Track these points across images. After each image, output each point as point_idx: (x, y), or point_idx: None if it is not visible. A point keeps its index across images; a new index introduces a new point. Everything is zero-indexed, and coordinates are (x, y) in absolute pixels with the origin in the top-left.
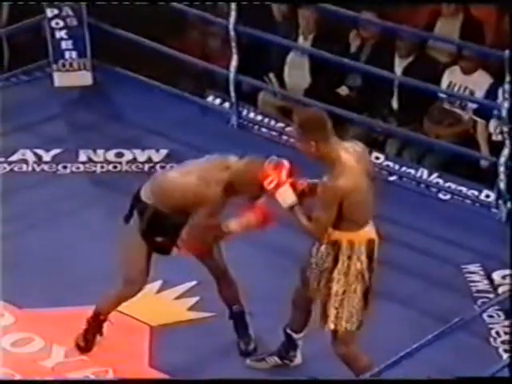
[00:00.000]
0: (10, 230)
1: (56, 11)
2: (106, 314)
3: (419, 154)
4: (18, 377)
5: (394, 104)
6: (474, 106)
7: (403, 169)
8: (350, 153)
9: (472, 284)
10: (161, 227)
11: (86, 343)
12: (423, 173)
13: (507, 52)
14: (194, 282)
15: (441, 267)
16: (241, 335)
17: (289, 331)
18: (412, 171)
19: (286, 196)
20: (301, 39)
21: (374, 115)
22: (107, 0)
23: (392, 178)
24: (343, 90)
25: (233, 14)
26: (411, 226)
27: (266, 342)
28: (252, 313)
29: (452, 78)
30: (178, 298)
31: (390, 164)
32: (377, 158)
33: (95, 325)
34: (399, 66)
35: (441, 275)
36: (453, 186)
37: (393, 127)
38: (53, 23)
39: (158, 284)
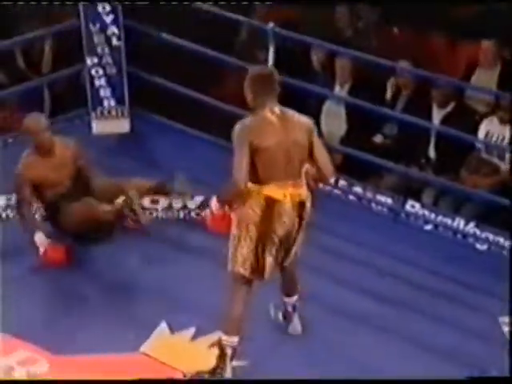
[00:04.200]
0: (44, 282)
1: (96, 60)
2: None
3: (456, 204)
4: None
5: (431, 153)
6: None
7: (439, 218)
8: (276, 113)
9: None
10: None
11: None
12: (460, 222)
13: None
14: None
15: (477, 318)
16: None
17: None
18: (448, 220)
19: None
20: (337, 88)
21: (411, 164)
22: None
23: (428, 227)
24: (378, 138)
25: (270, 62)
26: (448, 275)
27: None
28: None
29: (490, 127)
30: (212, 345)
31: (426, 213)
32: (413, 207)
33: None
34: (437, 115)
35: (477, 326)
36: (490, 236)
37: (429, 176)
38: (93, 71)
39: (191, 331)
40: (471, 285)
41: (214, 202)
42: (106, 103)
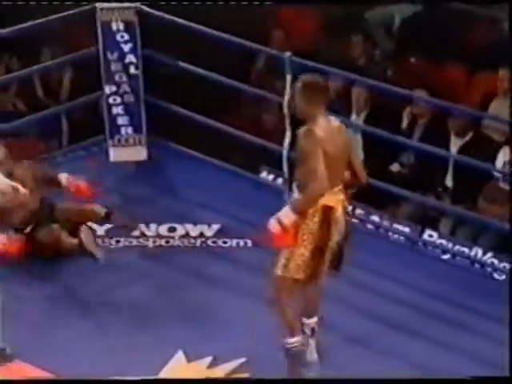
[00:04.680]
0: (61, 308)
1: (114, 88)
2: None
3: (473, 233)
4: None
5: (448, 182)
6: None
7: (457, 247)
8: (329, 122)
9: None
10: None
11: None
12: (477, 252)
13: None
14: (243, 359)
15: (495, 348)
16: None
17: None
18: (466, 250)
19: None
20: (354, 116)
21: (428, 193)
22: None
23: (445, 257)
24: (395, 167)
25: (287, 90)
26: (465, 305)
27: None
28: None
29: (507, 156)
30: (228, 374)
31: (444, 242)
32: (430, 236)
33: None
34: (455, 144)
35: (494, 356)
36: (508, 266)
37: (447, 205)
38: (110, 99)
39: (208, 360)
40: (489, 315)
41: (286, 215)
42: (123, 131)
